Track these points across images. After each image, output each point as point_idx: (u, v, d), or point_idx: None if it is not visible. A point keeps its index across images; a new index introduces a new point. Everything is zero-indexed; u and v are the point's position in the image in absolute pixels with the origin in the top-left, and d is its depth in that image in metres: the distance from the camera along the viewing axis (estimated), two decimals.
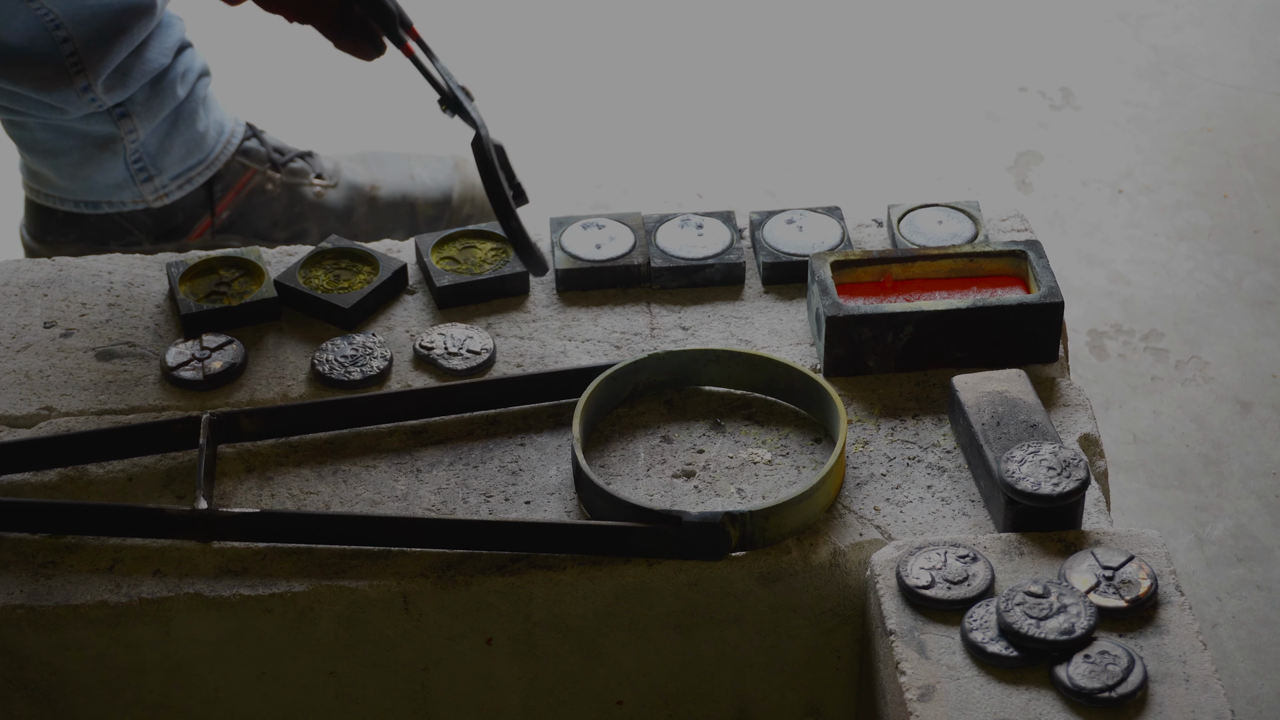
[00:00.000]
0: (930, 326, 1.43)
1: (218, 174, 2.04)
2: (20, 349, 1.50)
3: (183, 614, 1.32)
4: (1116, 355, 2.04)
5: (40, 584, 1.33)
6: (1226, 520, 1.86)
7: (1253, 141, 2.33)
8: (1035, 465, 1.31)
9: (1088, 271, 2.14)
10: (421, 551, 1.34)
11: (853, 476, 1.38)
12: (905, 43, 2.52)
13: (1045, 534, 1.31)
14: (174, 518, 1.34)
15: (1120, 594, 1.25)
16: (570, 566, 1.33)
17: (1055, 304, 1.44)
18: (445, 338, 1.49)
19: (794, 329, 1.50)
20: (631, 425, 1.43)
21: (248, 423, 1.41)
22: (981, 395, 1.38)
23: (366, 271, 1.54)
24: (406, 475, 1.40)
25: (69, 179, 2.00)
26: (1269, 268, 2.14)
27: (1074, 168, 2.30)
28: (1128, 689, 1.20)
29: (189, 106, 2.00)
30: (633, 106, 2.41)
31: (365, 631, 1.34)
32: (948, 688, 1.21)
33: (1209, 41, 2.49)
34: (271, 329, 1.51)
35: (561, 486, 1.38)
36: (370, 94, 2.41)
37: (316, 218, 2.08)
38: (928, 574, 1.27)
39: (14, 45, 1.89)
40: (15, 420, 1.45)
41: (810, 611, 1.35)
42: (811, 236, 1.56)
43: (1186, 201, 2.24)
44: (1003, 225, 1.59)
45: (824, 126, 2.37)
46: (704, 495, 1.37)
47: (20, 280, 1.57)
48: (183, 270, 1.54)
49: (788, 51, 2.50)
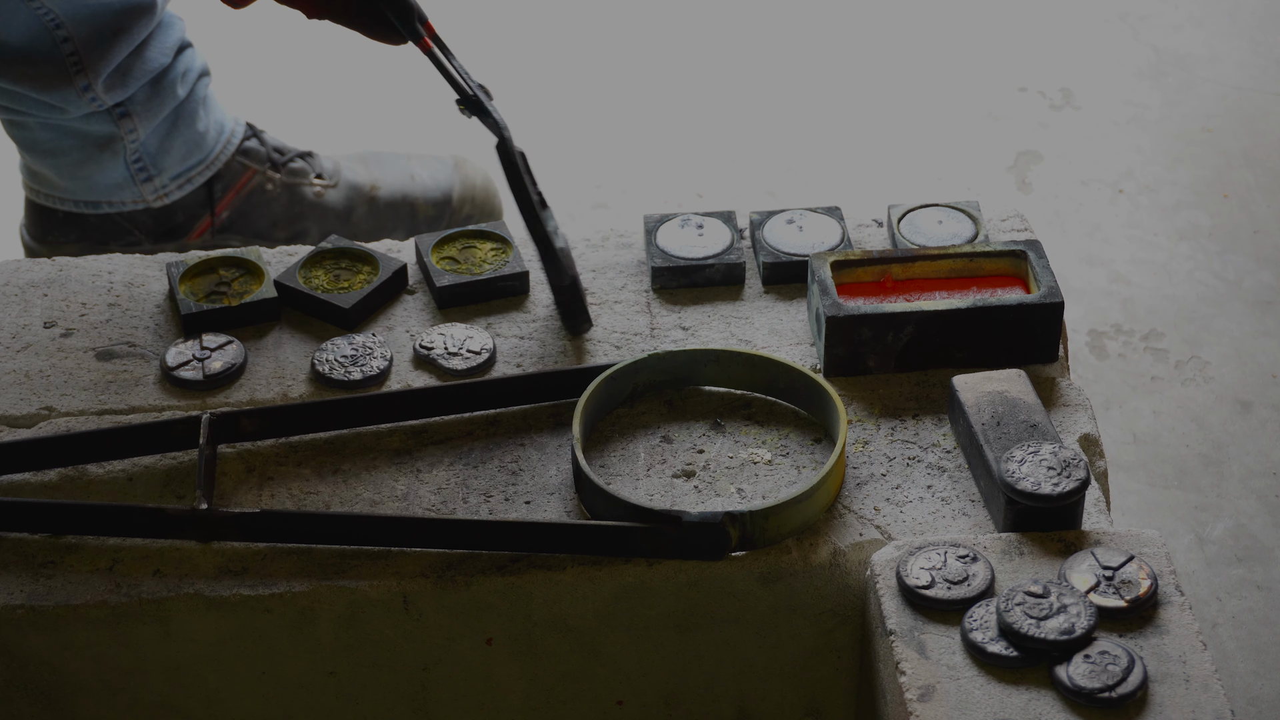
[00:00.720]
0: (930, 326, 1.43)
1: (218, 174, 2.04)
2: (20, 349, 1.50)
3: (183, 614, 1.32)
4: (1116, 355, 2.04)
5: (40, 584, 1.33)
6: (1226, 520, 1.86)
7: (1253, 141, 2.33)
8: (1035, 465, 1.31)
9: (1088, 271, 2.14)
10: (421, 551, 1.34)
11: (853, 476, 1.38)
12: (905, 43, 2.52)
13: (1045, 534, 1.31)
14: (174, 518, 1.34)
15: (1120, 594, 1.25)
16: (570, 566, 1.33)
17: (1055, 304, 1.43)
18: (445, 338, 1.49)
19: (794, 329, 1.50)
20: (631, 425, 1.43)
21: (248, 423, 1.41)
22: (981, 395, 1.38)
23: (366, 271, 1.54)
24: (406, 475, 1.40)
25: (69, 179, 2.00)
26: (1269, 268, 2.14)
27: (1074, 168, 2.30)
28: (1128, 689, 1.20)
29: (189, 106, 2.00)
30: (633, 106, 2.41)
31: (365, 631, 1.34)
32: (948, 688, 1.21)
33: (1209, 41, 2.49)
34: (271, 329, 1.51)
35: (561, 486, 1.38)
36: (370, 94, 2.41)
37: (316, 218, 2.08)
38: (928, 574, 1.27)
39: (14, 45, 1.89)
40: (15, 420, 1.45)
41: (810, 611, 1.35)
42: (811, 236, 1.56)
43: (1186, 201, 2.24)
44: (1003, 225, 1.59)
45: (824, 126, 2.37)
46: (704, 495, 1.37)
47: (20, 280, 1.57)
48: (183, 270, 1.54)
49: (788, 51, 2.50)
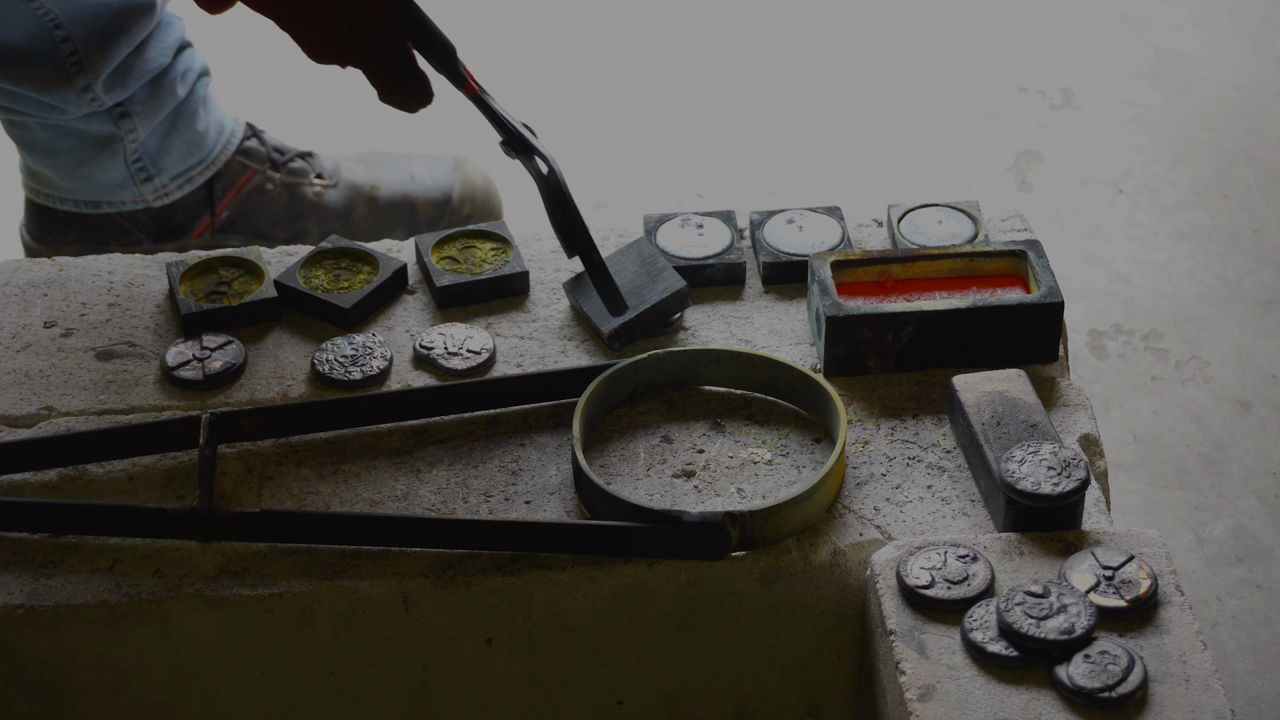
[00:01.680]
0: (930, 326, 1.43)
1: (218, 174, 2.04)
2: (20, 349, 1.50)
3: (183, 614, 1.32)
4: (1116, 355, 2.04)
5: (40, 584, 1.33)
6: (1226, 520, 1.86)
7: (1253, 141, 2.33)
8: (1035, 465, 1.31)
9: (1088, 271, 2.14)
10: (421, 551, 1.34)
11: (853, 476, 1.38)
12: (905, 43, 2.52)
13: (1045, 534, 1.31)
14: (174, 518, 1.34)
15: (1120, 594, 1.25)
16: (570, 566, 1.33)
17: (1055, 304, 1.43)
18: (445, 338, 1.49)
19: (794, 329, 1.50)
20: (631, 425, 1.43)
21: (248, 423, 1.41)
22: (981, 395, 1.38)
23: (366, 271, 1.54)
24: (406, 475, 1.40)
25: (69, 179, 2.00)
26: (1269, 268, 2.14)
27: (1074, 168, 2.30)
28: (1128, 689, 1.20)
29: (189, 106, 2.00)
30: (633, 106, 2.41)
31: (365, 631, 1.34)
32: (948, 688, 1.21)
33: (1209, 41, 2.49)
34: (271, 329, 1.51)
35: (561, 486, 1.38)
36: (370, 94, 2.41)
37: (316, 217, 2.08)
38: (928, 574, 1.27)
39: (14, 45, 1.89)
40: (15, 420, 1.45)
41: (810, 611, 1.35)
42: (811, 236, 1.56)
43: (1186, 201, 2.24)
44: (1003, 225, 1.59)
45: (824, 126, 2.37)
46: (704, 495, 1.37)
47: (20, 280, 1.57)
48: (183, 270, 1.54)
49: (788, 51, 2.50)
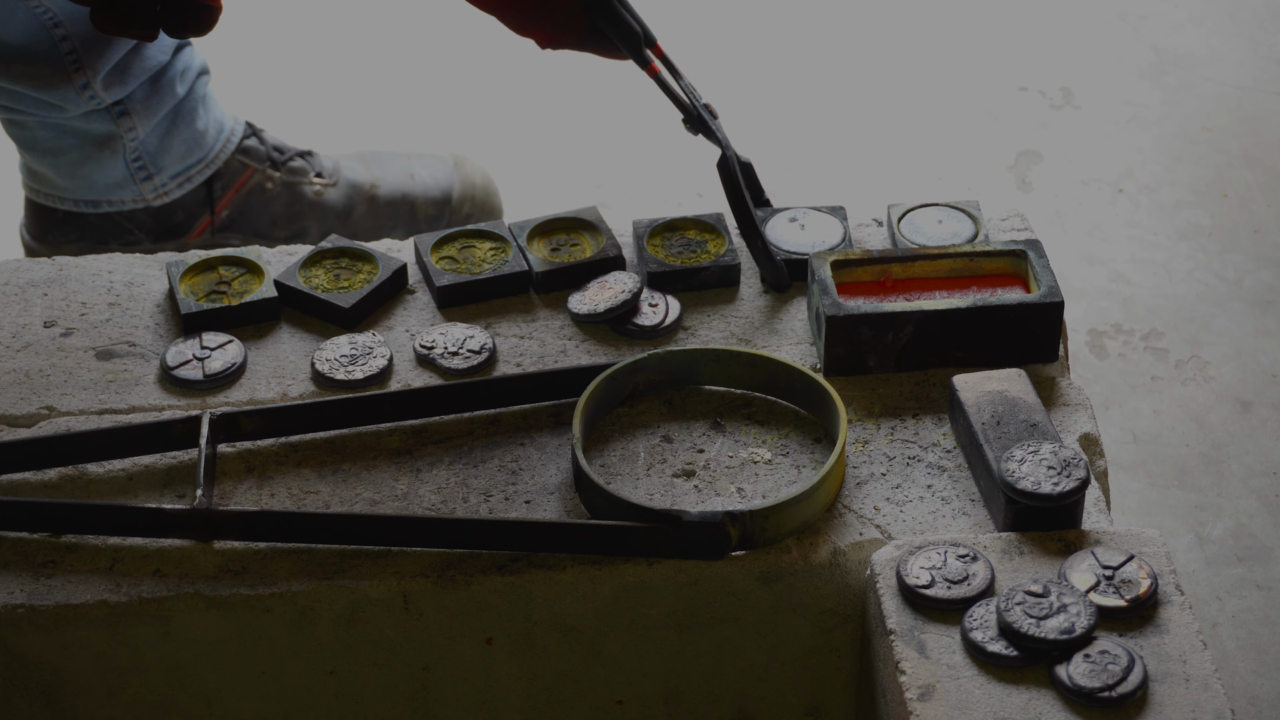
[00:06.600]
0: (930, 326, 1.43)
1: (217, 173, 2.04)
2: (20, 349, 1.50)
3: (183, 614, 1.32)
4: (1116, 355, 2.04)
5: (40, 584, 1.33)
6: (1226, 520, 1.86)
7: (1253, 141, 2.33)
8: (1035, 465, 1.31)
9: (1088, 271, 2.14)
10: (421, 551, 1.34)
11: (853, 476, 1.38)
12: (905, 43, 2.52)
13: (1045, 533, 1.31)
14: (174, 517, 1.34)
15: (1120, 593, 1.25)
16: (570, 566, 1.33)
17: (1055, 303, 1.43)
18: (445, 337, 1.49)
19: (794, 329, 1.50)
20: (631, 425, 1.43)
21: (248, 422, 1.41)
22: (981, 395, 1.38)
23: (366, 271, 1.54)
24: (406, 475, 1.40)
25: (68, 178, 2.00)
26: (1269, 267, 2.14)
27: (1074, 167, 2.30)
28: (1128, 688, 1.20)
29: (188, 105, 2.00)
30: (633, 106, 2.41)
31: (365, 631, 1.34)
32: (948, 687, 1.21)
33: (1209, 41, 2.49)
34: (271, 328, 1.51)
35: (561, 486, 1.38)
36: (370, 94, 2.41)
37: (316, 217, 2.08)
38: (928, 573, 1.27)
39: (13, 43, 1.89)
40: (15, 420, 1.44)
41: (810, 611, 1.35)
42: (814, 235, 1.56)
43: (1186, 201, 2.24)
44: (1003, 225, 1.59)
45: (824, 126, 2.37)
46: (704, 495, 1.37)
47: (20, 280, 1.57)
48: (183, 269, 1.54)
49: (788, 52, 2.50)
